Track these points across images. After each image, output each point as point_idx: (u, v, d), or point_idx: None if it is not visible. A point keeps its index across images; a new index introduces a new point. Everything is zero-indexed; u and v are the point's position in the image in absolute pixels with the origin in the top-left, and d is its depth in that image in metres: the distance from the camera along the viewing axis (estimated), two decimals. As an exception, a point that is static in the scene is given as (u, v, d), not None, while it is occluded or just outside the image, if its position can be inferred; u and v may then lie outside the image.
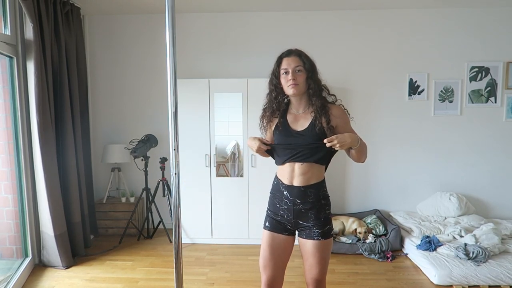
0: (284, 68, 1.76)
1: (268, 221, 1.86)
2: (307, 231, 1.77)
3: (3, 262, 3.15)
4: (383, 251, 3.43)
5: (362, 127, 4.17)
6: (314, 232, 1.75)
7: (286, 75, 1.76)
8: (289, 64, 1.75)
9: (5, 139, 3.07)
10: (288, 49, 1.81)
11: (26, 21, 2.98)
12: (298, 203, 1.76)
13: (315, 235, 1.75)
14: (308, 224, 1.77)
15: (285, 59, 1.78)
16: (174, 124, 1.66)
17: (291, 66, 1.74)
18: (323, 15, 4.06)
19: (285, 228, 1.82)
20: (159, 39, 4.00)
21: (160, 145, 4.09)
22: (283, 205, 1.80)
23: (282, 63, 1.78)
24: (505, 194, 4.13)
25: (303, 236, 1.80)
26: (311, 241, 1.75)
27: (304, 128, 1.77)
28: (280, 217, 1.81)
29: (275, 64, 1.82)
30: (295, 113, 1.84)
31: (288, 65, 1.75)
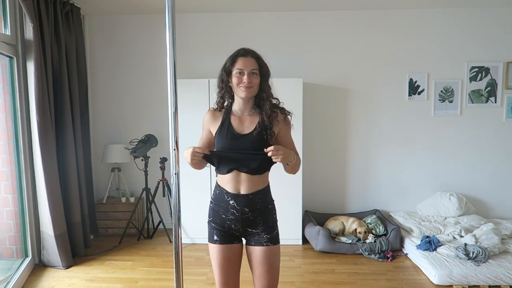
0: (239, 68, 1.66)
1: (215, 234, 1.77)
2: (255, 237, 1.72)
3: (3, 262, 3.15)
4: (383, 251, 3.43)
5: (362, 127, 4.18)
6: (263, 238, 1.70)
7: (240, 76, 1.66)
8: (245, 65, 1.65)
9: (5, 139, 3.07)
10: (245, 49, 1.70)
11: (26, 21, 2.98)
12: (247, 212, 1.70)
13: (264, 241, 1.70)
14: (256, 231, 1.72)
15: (241, 58, 1.67)
16: (174, 124, 1.66)
17: (248, 68, 1.65)
18: (323, 15, 4.06)
19: (234, 236, 1.76)
20: (159, 39, 4.00)
21: (160, 145, 4.09)
22: (229, 215, 1.72)
23: (237, 62, 1.67)
24: (505, 194, 4.13)
25: (251, 243, 1.74)
26: (259, 248, 1.70)
27: (250, 130, 1.69)
28: (227, 228, 1.74)
29: (228, 61, 1.71)
30: (239, 115, 1.75)
31: (244, 66, 1.65)
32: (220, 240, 1.75)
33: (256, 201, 1.70)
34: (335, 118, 4.18)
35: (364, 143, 4.19)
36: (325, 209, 4.22)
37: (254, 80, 1.66)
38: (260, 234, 1.71)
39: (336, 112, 4.17)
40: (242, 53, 1.69)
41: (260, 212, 1.72)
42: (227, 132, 1.71)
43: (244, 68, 1.65)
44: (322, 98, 4.14)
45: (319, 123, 4.16)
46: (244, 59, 1.67)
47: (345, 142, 4.21)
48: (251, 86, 1.65)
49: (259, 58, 1.69)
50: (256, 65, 1.67)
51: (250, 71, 1.65)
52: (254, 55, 1.69)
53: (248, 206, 1.69)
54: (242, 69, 1.65)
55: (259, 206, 1.71)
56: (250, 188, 1.69)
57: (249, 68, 1.65)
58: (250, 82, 1.65)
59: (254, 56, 1.68)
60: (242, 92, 1.66)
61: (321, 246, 3.53)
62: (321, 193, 4.26)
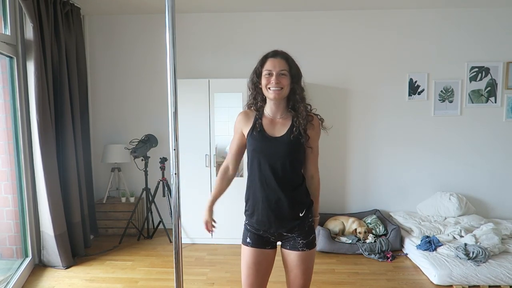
0: (268, 69, 1.64)
1: (249, 237, 1.75)
2: (291, 242, 1.69)
3: (3, 262, 3.15)
4: (383, 251, 3.43)
5: (362, 127, 4.19)
6: (299, 243, 1.67)
7: (269, 77, 1.63)
8: (274, 66, 1.63)
9: (5, 139, 3.07)
10: (275, 50, 1.69)
11: (26, 21, 2.98)
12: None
13: (299, 246, 1.67)
14: (292, 235, 1.68)
15: (270, 59, 1.66)
16: (174, 124, 1.66)
17: (276, 69, 1.62)
18: (323, 15, 4.06)
19: (268, 241, 1.73)
20: (159, 39, 3.99)
21: (160, 145, 4.09)
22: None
23: (266, 63, 1.66)
24: (505, 194, 4.13)
25: (286, 247, 1.71)
26: (295, 252, 1.67)
27: (282, 134, 1.67)
28: (262, 231, 1.71)
29: (258, 63, 1.70)
30: (271, 117, 1.72)
31: (273, 66, 1.63)
32: (252, 243, 1.73)
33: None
34: (335, 118, 4.18)
35: (364, 143, 4.19)
36: (325, 209, 4.22)
37: (283, 81, 1.62)
38: (296, 239, 1.68)
39: (336, 112, 4.17)
40: (271, 54, 1.67)
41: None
42: (259, 134, 1.68)
43: (273, 69, 1.62)
44: (322, 98, 4.14)
45: (319, 123, 4.15)
46: (273, 60, 1.65)
47: (345, 142, 4.21)
48: (281, 88, 1.62)
49: (288, 58, 1.67)
50: (285, 66, 1.64)
51: (278, 72, 1.62)
52: (284, 56, 1.67)
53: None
54: (271, 70, 1.63)
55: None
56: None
57: (278, 69, 1.62)
58: (279, 83, 1.62)
59: (284, 57, 1.66)
60: (271, 94, 1.63)
61: (321, 246, 3.53)
62: (321, 193, 4.20)
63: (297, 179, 1.69)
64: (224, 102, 3.75)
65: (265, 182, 1.66)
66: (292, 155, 1.64)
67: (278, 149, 1.64)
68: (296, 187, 1.68)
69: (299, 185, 1.69)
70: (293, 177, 1.67)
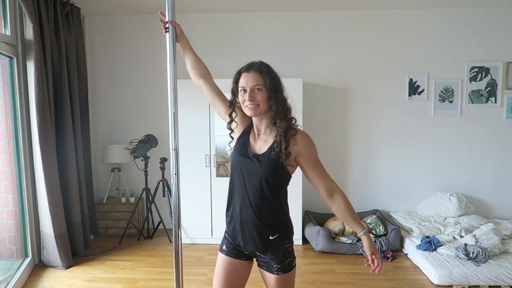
0: (241, 86, 1.53)
1: (225, 244, 1.66)
2: (266, 264, 1.59)
3: (3, 262, 3.15)
4: (383, 251, 3.43)
5: (362, 127, 4.19)
6: (273, 267, 1.56)
7: (243, 94, 1.52)
8: (247, 81, 1.50)
9: (5, 140, 3.07)
10: (249, 63, 1.56)
11: (26, 21, 2.98)
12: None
13: (274, 270, 1.56)
14: (265, 257, 1.58)
15: (243, 74, 1.53)
16: (174, 124, 1.66)
17: (249, 84, 1.50)
18: (323, 16, 4.06)
19: (243, 253, 1.62)
20: (159, 39, 4.00)
21: (160, 145, 4.09)
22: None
23: (240, 80, 1.54)
24: (505, 194, 4.13)
25: (263, 267, 1.61)
26: (271, 275, 1.58)
27: (263, 151, 1.54)
28: (237, 242, 1.61)
29: (232, 80, 1.59)
30: (256, 132, 1.61)
31: (246, 82, 1.51)
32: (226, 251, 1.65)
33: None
34: (335, 118, 4.18)
35: (364, 143, 4.19)
36: (325, 209, 4.22)
37: (257, 97, 1.49)
38: (270, 262, 1.58)
39: (336, 112, 4.17)
40: (244, 68, 1.56)
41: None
42: (242, 149, 1.59)
43: (246, 85, 1.51)
44: (322, 98, 4.14)
45: (319, 123, 4.15)
46: (246, 75, 1.53)
47: (345, 142, 4.21)
48: (256, 104, 1.50)
49: (262, 70, 1.52)
50: (260, 80, 1.50)
51: (252, 88, 1.50)
52: (258, 68, 1.52)
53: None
54: (244, 87, 1.52)
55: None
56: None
57: (251, 84, 1.50)
58: (254, 99, 1.49)
59: (258, 70, 1.52)
60: (248, 111, 1.52)
61: (321, 246, 3.53)
62: (321, 193, 4.24)
63: (274, 201, 1.53)
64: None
65: (241, 197, 1.56)
66: (269, 175, 1.50)
67: (256, 167, 1.52)
68: (270, 209, 1.54)
69: (274, 207, 1.54)
70: (269, 199, 1.52)
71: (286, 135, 1.49)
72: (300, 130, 1.55)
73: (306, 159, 1.54)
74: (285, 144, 1.48)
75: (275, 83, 1.53)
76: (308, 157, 1.54)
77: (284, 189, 1.58)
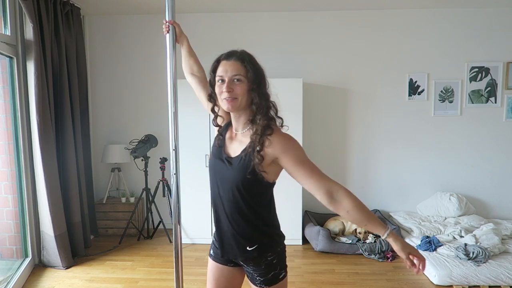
0: (219, 75, 1.35)
1: (212, 248, 1.57)
2: (249, 275, 1.47)
3: (3, 263, 3.15)
4: (383, 251, 3.43)
5: (362, 127, 4.19)
6: (256, 279, 1.43)
7: (221, 84, 1.34)
8: (226, 70, 1.32)
9: (5, 140, 3.07)
10: (230, 51, 1.38)
11: (26, 21, 2.98)
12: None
13: (257, 282, 1.43)
14: (248, 268, 1.45)
15: (222, 63, 1.35)
16: (174, 124, 1.66)
17: (228, 74, 1.32)
18: (323, 16, 4.06)
19: (229, 259, 1.51)
20: (159, 39, 4.00)
21: (160, 145, 4.09)
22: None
23: (218, 68, 1.36)
24: (505, 194, 4.12)
25: (248, 276, 1.49)
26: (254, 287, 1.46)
27: (237, 154, 1.37)
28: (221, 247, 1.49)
29: (210, 68, 1.41)
30: (234, 131, 1.44)
31: (224, 72, 1.33)
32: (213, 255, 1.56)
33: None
34: (335, 118, 4.18)
35: (364, 143, 4.19)
36: (325, 209, 4.22)
37: (237, 88, 1.31)
38: (253, 274, 1.45)
39: (336, 112, 4.17)
40: (224, 56, 1.38)
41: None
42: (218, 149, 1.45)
43: (224, 75, 1.33)
44: (322, 98, 4.14)
45: (319, 123, 4.15)
46: (225, 63, 1.34)
47: (345, 142, 4.21)
48: (234, 97, 1.31)
49: (245, 59, 1.34)
50: (241, 70, 1.32)
51: (231, 78, 1.32)
52: (240, 56, 1.34)
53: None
54: (223, 76, 1.33)
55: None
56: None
57: (230, 74, 1.32)
58: (232, 91, 1.31)
59: (239, 58, 1.34)
60: (225, 104, 1.34)
61: (321, 246, 3.53)
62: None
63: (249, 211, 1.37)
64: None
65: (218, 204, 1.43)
66: (240, 182, 1.33)
67: (227, 172, 1.37)
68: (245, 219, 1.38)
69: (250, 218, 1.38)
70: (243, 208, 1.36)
71: (262, 135, 1.30)
72: (278, 130, 1.35)
73: (288, 162, 1.30)
74: (259, 146, 1.29)
75: (258, 75, 1.35)
76: (289, 159, 1.30)
77: (262, 197, 1.40)
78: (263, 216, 1.42)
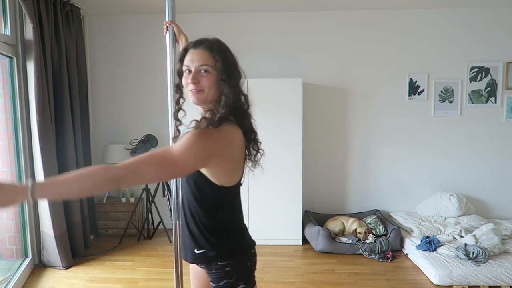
0: (186, 64, 1.25)
1: None
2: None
3: (3, 263, 3.15)
4: (383, 251, 3.43)
5: (362, 127, 4.19)
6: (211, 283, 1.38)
7: (188, 75, 1.24)
8: (193, 60, 1.23)
9: (5, 140, 3.07)
10: (199, 38, 1.29)
11: (26, 21, 2.98)
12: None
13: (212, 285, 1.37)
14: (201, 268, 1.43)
15: (190, 51, 1.26)
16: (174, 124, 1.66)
17: (195, 63, 1.23)
18: (323, 16, 4.06)
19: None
20: (159, 39, 4.00)
21: (160, 145, 4.08)
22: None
23: (186, 57, 1.27)
24: (505, 194, 4.12)
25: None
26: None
27: None
28: None
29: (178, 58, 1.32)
30: None
31: (191, 61, 1.23)
32: None
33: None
34: (335, 118, 4.18)
35: (364, 143, 4.19)
36: (325, 209, 4.22)
37: (203, 80, 1.22)
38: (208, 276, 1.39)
39: (336, 112, 4.17)
40: (193, 44, 1.29)
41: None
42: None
43: (191, 64, 1.23)
44: (322, 98, 4.14)
45: (319, 123, 4.15)
46: (193, 51, 1.25)
47: (345, 142, 4.20)
48: (200, 89, 1.22)
49: (213, 48, 1.25)
50: (209, 60, 1.22)
51: (198, 68, 1.22)
52: (208, 45, 1.25)
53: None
54: (189, 66, 1.24)
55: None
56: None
57: (197, 64, 1.22)
58: (198, 83, 1.22)
59: (208, 47, 1.25)
60: (190, 97, 1.26)
61: (321, 246, 3.53)
62: (321, 193, 4.25)
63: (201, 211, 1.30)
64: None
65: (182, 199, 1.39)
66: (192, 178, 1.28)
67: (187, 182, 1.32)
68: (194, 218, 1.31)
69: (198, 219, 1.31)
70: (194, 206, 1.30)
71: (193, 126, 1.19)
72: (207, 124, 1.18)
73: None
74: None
75: (228, 65, 1.25)
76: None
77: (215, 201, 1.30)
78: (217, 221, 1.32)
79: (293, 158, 3.68)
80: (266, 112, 3.57)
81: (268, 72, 4.01)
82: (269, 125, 3.52)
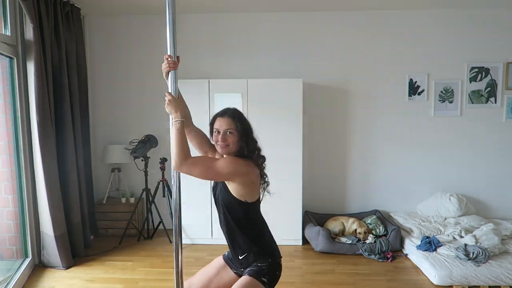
0: (216, 128, 1.80)
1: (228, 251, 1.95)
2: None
3: (3, 263, 3.15)
4: (383, 251, 3.43)
5: (362, 127, 4.19)
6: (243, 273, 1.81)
7: (217, 135, 1.79)
8: (221, 125, 1.77)
9: (5, 140, 3.07)
10: (224, 109, 1.83)
11: (26, 21, 2.98)
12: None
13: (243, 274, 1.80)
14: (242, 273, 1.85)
15: (218, 119, 1.80)
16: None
17: (223, 128, 1.76)
18: (323, 16, 4.06)
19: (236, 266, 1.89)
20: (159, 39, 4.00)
21: (160, 146, 4.09)
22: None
23: (215, 122, 1.81)
24: (505, 194, 4.12)
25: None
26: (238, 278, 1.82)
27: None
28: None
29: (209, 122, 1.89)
30: None
31: (220, 126, 1.77)
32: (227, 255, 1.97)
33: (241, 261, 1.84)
34: (335, 118, 4.18)
35: (364, 143, 4.19)
36: (325, 210, 4.22)
37: (229, 139, 1.75)
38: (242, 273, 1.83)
39: (336, 112, 4.17)
40: (220, 113, 1.81)
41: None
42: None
43: (220, 128, 1.77)
44: (322, 98, 4.14)
45: (319, 123, 4.15)
46: (221, 119, 1.78)
47: (345, 142, 4.20)
48: (227, 145, 1.75)
49: (235, 117, 1.77)
50: (232, 125, 1.75)
51: (225, 131, 1.75)
52: (231, 114, 1.78)
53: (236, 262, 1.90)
54: (218, 129, 1.77)
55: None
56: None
57: (224, 128, 1.75)
58: (225, 140, 1.75)
59: (231, 116, 1.77)
60: (219, 149, 1.79)
61: (321, 246, 3.52)
62: (321, 194, 4.25)
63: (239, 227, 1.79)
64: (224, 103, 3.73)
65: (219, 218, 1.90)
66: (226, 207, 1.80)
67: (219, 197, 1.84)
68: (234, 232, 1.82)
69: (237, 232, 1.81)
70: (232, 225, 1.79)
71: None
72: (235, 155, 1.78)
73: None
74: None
75: (245, 128, 1.78)
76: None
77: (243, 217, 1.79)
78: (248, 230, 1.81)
79: (293, 158, 3.68)
80: (266, 112, 3.57)
81: (268, 72, 4.01)
82: (269, 125, 3.52)
